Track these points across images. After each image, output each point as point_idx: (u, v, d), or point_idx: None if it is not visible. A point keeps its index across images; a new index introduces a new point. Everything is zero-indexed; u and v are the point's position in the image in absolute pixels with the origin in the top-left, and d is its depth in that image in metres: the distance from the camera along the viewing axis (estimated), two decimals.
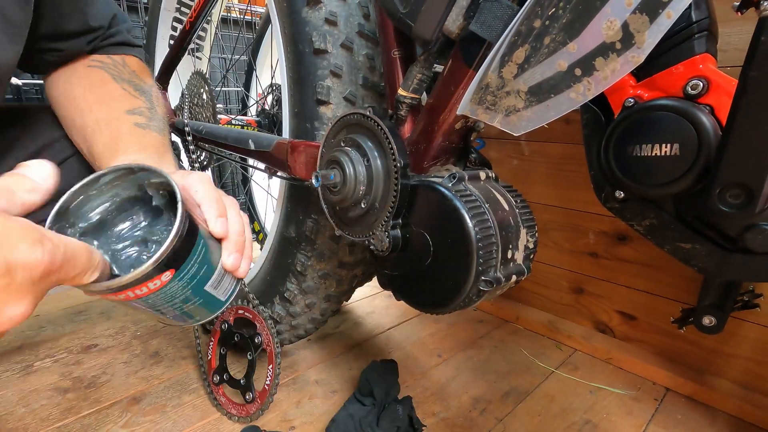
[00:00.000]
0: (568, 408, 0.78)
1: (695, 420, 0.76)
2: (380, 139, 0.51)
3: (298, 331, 0.82)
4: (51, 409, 0.76)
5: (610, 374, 0.89)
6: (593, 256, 0.96)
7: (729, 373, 0.81)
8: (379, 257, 0.53)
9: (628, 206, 0.48)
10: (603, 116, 0.48)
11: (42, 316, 1.11)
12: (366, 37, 0.66)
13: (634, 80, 0.45)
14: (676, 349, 0.87)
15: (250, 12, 1.64)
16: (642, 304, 0.90)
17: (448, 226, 0.45)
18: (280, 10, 0.68)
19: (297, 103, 0.67)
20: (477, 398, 0.80)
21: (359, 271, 0.78)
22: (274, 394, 0.73)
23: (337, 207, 0.56)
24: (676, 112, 0.41)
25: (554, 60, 0.37)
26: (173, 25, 1.15)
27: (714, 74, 0.41)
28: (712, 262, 0.43)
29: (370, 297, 1.23)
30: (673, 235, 0.45)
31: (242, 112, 1.51)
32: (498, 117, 0.41)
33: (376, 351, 0.96)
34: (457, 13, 0.43)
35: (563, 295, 1.04)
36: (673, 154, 0.41)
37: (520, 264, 0.49)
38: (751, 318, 0.77)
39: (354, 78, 0.65)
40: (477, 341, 1.00)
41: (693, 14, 0.41)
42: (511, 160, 1.05)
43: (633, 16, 0.32)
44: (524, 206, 0.51)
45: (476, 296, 0.47)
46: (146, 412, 0.76)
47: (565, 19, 0.35)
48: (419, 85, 0.51)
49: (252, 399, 0.73)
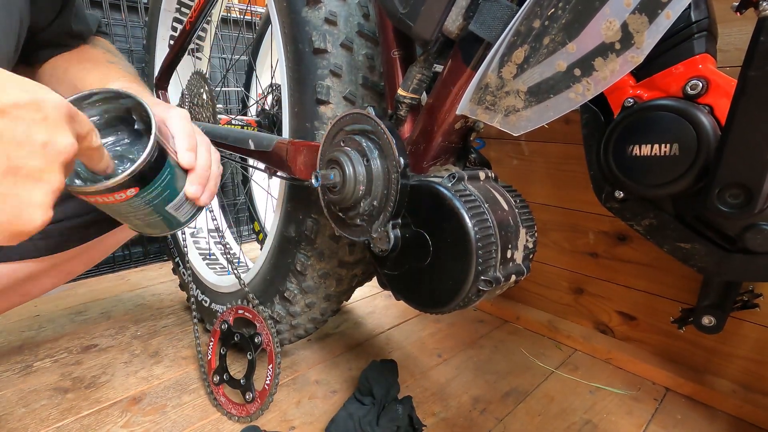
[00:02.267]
0: (568, 408, 0.78)
1: (695, 420, 0.76)
2: (380, 139, 0.51)
3: (298, 331, 0.82)
4: (51, 409, 0.76)
5: (610, 374, 0.89)
6: (593, 256, 0.96)
7: (729, 373, 0.81)
8: (378, 257, 0.53)
9: (628, 206, 0.48)
10: (602, 116, 0.48)
11: (42, 316, 1.11)
12: (366, 37, 0.66)
13: (633, 80, 0.45)
14: (676, 349, 0.87)
15: (250, 12, 1.64)
16: (642, 304, 0.90)
17: (448, 226, 0.45)
18: (279, 9, 0.68)
19: (297, 103, 0.67)
20: (477, 398, 0.80)
21: (359, 270, 0.78)
22: (274, 394, 0.73)
23: (337, 207, 0.56)
24: (675, 112, 0.41)
25: (553, 60, 0.37)
26: (173, 25, 1.15)
27: (713, 74, 0.41)
28: (711, 262, 0.43)
29: (370, 297, 1.23)
30: (672, 235, 0.45)
31: (242, 112, 1.51)
32: (497, 117, 0.42)
33: (376, 351, 0.96)
34: (457, 13, 0.43)
35: (563, 295, 1.04)
36: (673, 154, 0.41)
37: (519, 264, 0.49)
38: (750, 318, 0.77)
39: (354, 78, 0.65)
40: (477, 341, 1.00)
41: (692, 14, 0.41)
42: (511, 160, 1.05)
43: (632, 16, 0.32)
44: (524, 206, 0.51)
45: (476, 296, 0.47)
46: (146, 412, 0.76)
47: (564, 19, 0.35)
48: (419, 85, 0.51)
49: (252, 399, 0.73)
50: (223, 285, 0.92)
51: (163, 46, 1.16)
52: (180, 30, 0.96)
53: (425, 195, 0.48)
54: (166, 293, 1.23)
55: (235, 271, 0.80)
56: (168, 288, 1.28)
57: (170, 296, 1.22)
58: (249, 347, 0.75)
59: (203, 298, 0.95)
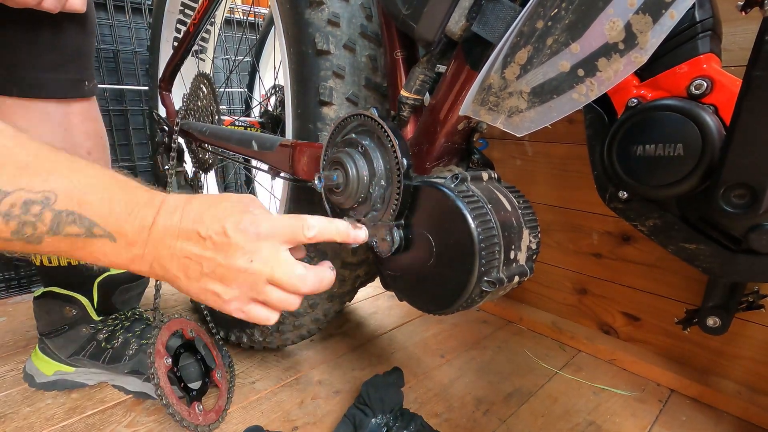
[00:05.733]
0: (572, 409, 0.78)
1: (700, 421, 0.76)
2: (383, 139, 0.51)
3: (301, 332, 0.83)
4: (55, 408, 0.77)
5: (614, 375, 0.88)
6: (597, 256, 0.95)
7: (734, 375, 0.80)
8: (381, 258, 0.53)
9: (632, 207, 0.47)
10: (606, 116, 0.47)
11: None
12: (369, 38, 0.66)
13: (637, 80, 0.45)
14: (681, 350, 0.86)
15: (253, 13, 1.64)
16: (646, 304, 0.90)
17: (451, 227, 0.45)
18: (283, 11, 0.68)
19: (300, 104, 0.68)
20: (480, 399, 0.80)
21: (362, 271, 0.78)
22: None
23: (340, 208, 0.56)
24: (679, 112, 0.41)
25: (557, 61, 0.37)
26: (177, 27, 1.16)
27: (718, 74, 0.40)
28: (716, 262, 0.43)
29: (373, 297, 1.23)
30: (677, 235, 0.45)
31: (245, 113, 1.52)
32: (501, 118, 0.41)
33: (379, 352, 0.96)
34: (460, 14, 0.43)
35: (567, 296, 1.03)
36: (677, 155, 0.41)
37: (522, 265, 0.49)
38: (756, 319, 0.76)
39: (357, 79, 0.65)
40: (480, 342, 1.00)
41: (697, 14, 0.41)
42: (514, 161, 1.05)
43: (636, 16, 0.32)
44: (527, 207, 0.51)
45: (479, 297, 0.47)
46: (150, 412, 0.76)
47: (567, 19, 0.35)
48: (422, 86, 0.51)
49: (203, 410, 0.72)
50: None
51: (167, 47, 1.17)
52: (184, 31, 0.96)
53: (428, 196, 0.48)
54: (170, 293, 1.24)
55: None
56: (171, 288, 1.29)
57: (173, 296, 1.23)
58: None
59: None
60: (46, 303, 0.79)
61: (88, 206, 0.37)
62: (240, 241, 0.39)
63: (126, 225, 0.38)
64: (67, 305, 0.79)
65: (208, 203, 0.41)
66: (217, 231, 0.39)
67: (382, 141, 0.51)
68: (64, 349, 0.80)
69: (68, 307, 0.79)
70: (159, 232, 0.39)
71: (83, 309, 0.79)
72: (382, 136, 0.51)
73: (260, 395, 0.81)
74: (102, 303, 0.81)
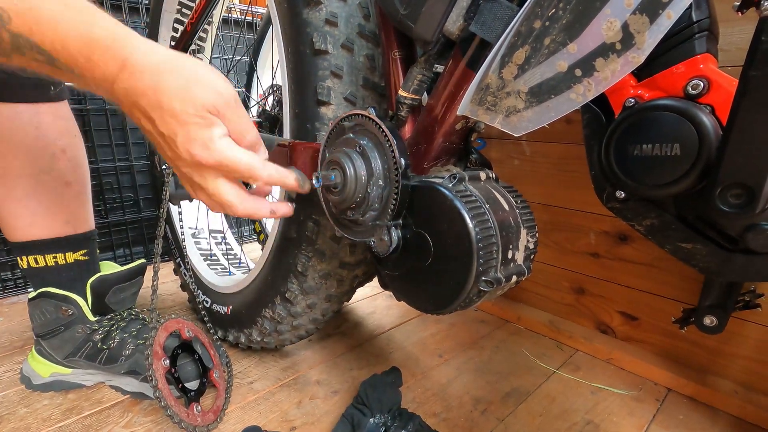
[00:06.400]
0: (570, 408, 0.78)
1: (697, 420, 0.76)
2: (381, 139, 0.51)
3: (299, 332, 0.82)
4: (52, 409, 0.76)
5: (612, 374, 0.89)
6: (594, 256, 0.96)
7: (731, 374, 0.80)
8: (379, 258, 0.53)
9: (629, 206, 0.47)
10: (604, 116, 0.47)
11: None
12: (366, 38, 0.66)
13: (634, 80, 0.45)
14: (678, 350, 0.87)
15: (251, 13, 1.64)
16: (643, 304, 0.90)
17: (449, 227, 0.45)
18: (280, 10, 0.68)
19: (298, 104, 0.67)
20: (478, 399, 0.80)
21: (360, 271, 0.78)
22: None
23: (338, 207, 0.56)
24: (676, 112, 0.41)
25: (554, 61, 0.37)
26: (174, 26, 1.15)
27: (715, 74, 0.40)
28: (713, 262, 0.43)
29: (371, 297, 1.23)
30: (674, 235, 0.45)
31: None
32: (498, 118, 0.42)
33: (377, 351, 0.96)
34: (457, 14, 0.43)
35: (564, 296, 1.04)
36: (674, 154, 0.41)
37: (520, 264, 0.49)
38: (752, 318, 0.77)
39: (354, 78, 0.65)
40: (478, 342, 1.00)
41: (693, 14, 0.41)
42: (512, 161, 1.05)
43: (633, 16, 0.32)
44: (524, 206, 0.51)
45: (477, 296, 0.47)
46: (147, 412, 0.76)
47: (565, 19, 0.35)
48: (419, 85, 0.51)
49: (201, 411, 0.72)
50: (224, 285, 0.92)
51: (164, 47, 1.16)
52: (181, 31, 0.96)
53: (426, 196, 0.48)
54: (167, 293, 1.24)
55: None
56: (169, 288, 1.28)
57: (171, 296, 1.22)
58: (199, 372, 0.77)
59: (204, 298, 0.96)
60: (42, 304, 0.79)
61: (41, 36, 0.35)
62: (186, 160, 0.43)
63: (86, 72, 0.37)
64: (62, 305, 0.78)
65: (174, 92, 0.40)
66: (169, 133, 0.41)
67: (380, 141, 0.51)
68: (60, 350, 0.80)
69: (64, 307, 0.78)
70: (120, 92, 0.39)
71: (79, 309, 0.79)
72: (379, 135, 0.51)
73: (258, 395, 0.80)
74: (96, 303, 0.80)
